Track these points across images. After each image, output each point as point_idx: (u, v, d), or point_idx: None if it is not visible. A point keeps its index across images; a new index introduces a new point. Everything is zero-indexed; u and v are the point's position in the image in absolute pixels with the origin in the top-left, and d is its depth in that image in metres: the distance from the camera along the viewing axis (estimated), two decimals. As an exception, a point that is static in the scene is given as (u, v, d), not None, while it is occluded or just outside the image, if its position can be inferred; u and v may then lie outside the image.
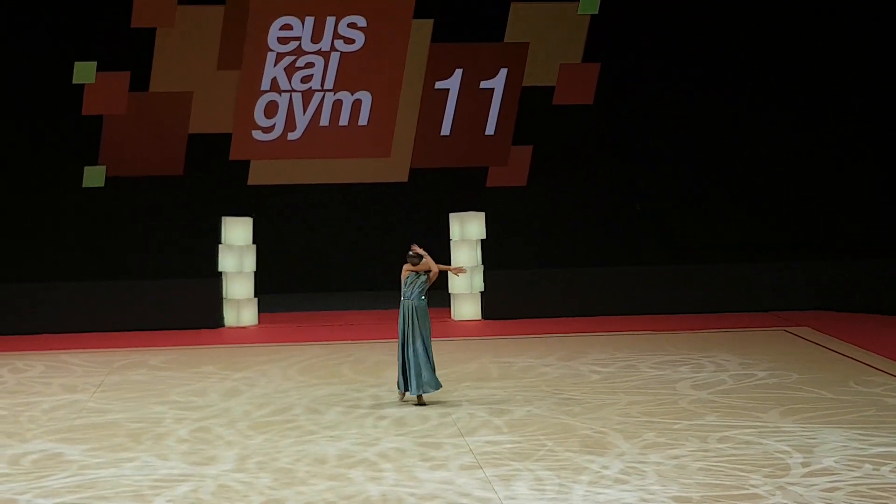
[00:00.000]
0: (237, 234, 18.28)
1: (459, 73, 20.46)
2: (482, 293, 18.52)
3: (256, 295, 18.31)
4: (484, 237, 18.70)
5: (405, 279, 12.92)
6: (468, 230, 18.60)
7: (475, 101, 20.51)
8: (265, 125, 20.34)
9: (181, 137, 20.19)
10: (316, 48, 20.24)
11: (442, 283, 13.30)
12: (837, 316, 17.90)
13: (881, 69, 20.45)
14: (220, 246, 18.36)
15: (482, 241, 18.72)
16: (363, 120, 20.44)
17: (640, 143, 20.62)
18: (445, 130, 20.60)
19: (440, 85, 20.51)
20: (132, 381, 14.21)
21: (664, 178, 20.70)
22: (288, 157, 20.43)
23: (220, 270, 18.29)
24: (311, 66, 20.25)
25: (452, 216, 18.74)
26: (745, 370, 14.17)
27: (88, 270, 19.53)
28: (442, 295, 18.60)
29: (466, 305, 18.44)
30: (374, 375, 14.15)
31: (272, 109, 20.31)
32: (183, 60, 19.95)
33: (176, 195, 20.26)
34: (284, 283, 20.15)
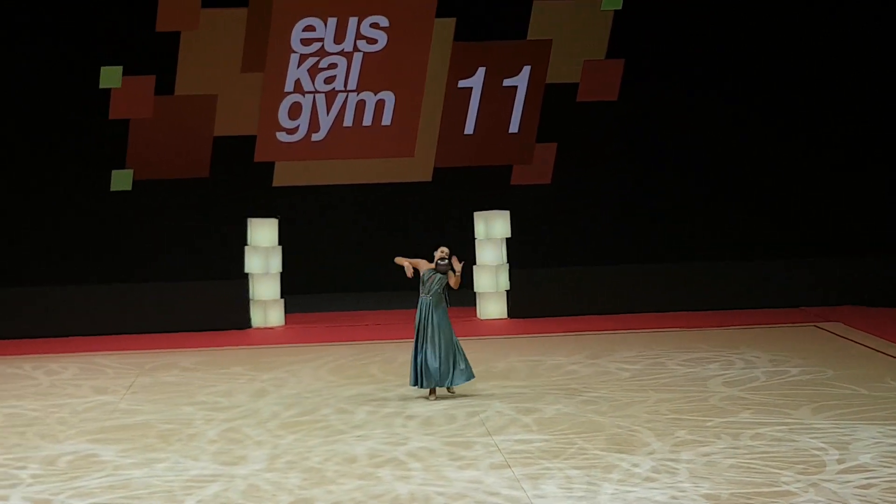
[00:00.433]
0: (263, 235, 18.33)
1: (482, 71, 20.45)
2: (508, 292, 18.51)
3: (283, 296, 18.35)
4: (509, 236, 18.69)
5: (422, 276, 13.04)
6: (493, 229, 18.60)
7: (498, 99, 20.50)
8: (289, 127, 20.38)
9: (206, 140, 20.25)
10: (339, 49, 20.27)
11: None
12: (869, 311, 17.79)
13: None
14: (246, 247, 18.41)
15: (507, 239, 18.71)
16: (387, 120, 20.46)
17: (665, 139, 20.57)
18: (469, 129, 20.60)
19: (463, 84, 20.50)
20: (163, 382, 14.28)
21: (690, 173, 20.64)
22: (312, 158, 20.47)
23: (246, 272, 18.34)
24: (334, 66, 20.28)
25: (477, 215, 18.74)
26: (776, 367, 14.13)
27: (116, 273, 19.61)
28: (467, 294, 18.61)
29: (492, 304, 18.44)
30: (402, 375, 14.15)
31: (296, 111, 20.35)
32: (207, 63, 20.01)
33: (202, 197, 20.33)
34: (310, 283, 20.20)
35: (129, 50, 19.90)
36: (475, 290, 18.51)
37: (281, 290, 18.33)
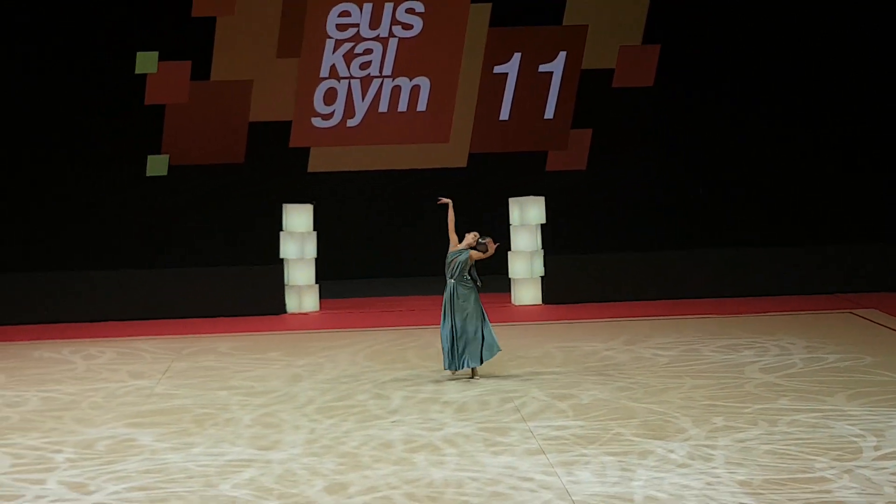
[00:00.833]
0: (298, 220, 18.38)
1: (518, 57, 20.43)
2: (542, 278, 18.50)
3: (317, 281, 18.40)
4: (544, 222, 18.68)
5: (446, 260, 13.35)
6: (528, 215, 18.58)
7: (534, 85, 20.48)
8: (324, 112, 20.42)
9: (242, 125, 20.32)
10: (374, 34, 20.28)
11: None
12: (905, 298, 17.73)
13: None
14: (281, 233, 18.47)
15: (542, 225, 18.69)
16: (422, 106, 20.47)
17: (701, 124, 20.50)
18: (504, 115, 20.59)
19: (499, 69, 20.49)
20: (199, 367, 14.35)
21: (726, 160, 20.58)
22: (347, 143, 20.51)
23: (281, 257, 18.40)
24: (369, 52, 20.30)
25: (512, 201, 18.73)
26: (812, 353, 14.07)
27: (152, 258, 19.73)
28: (502, 280, 18.62)
29: (526, 290, 18.43)
30: (439, 361, 14.17)
31: (331, 96, 20.38)
32: (243, 49, 20.08)
33: (237, 183, 20.41)
34: (345, 269, 20.25)
35: (164, 35, 19.98)
36: (510, 276, 18.51)
37: (316, 275, 18.38)
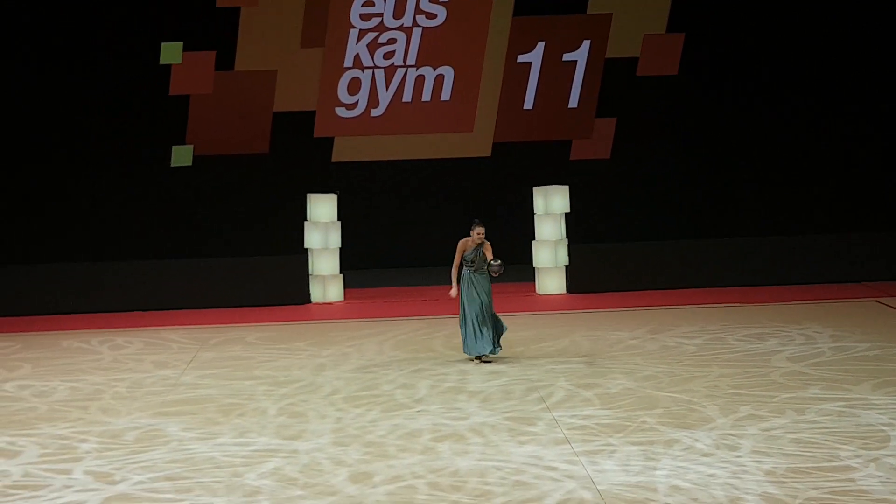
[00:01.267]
0: (322, 210, 18.40)
1: (542, 45, 20.39)
2: (567, 267, 18.48)
3: (342, 271, 18.43)
4: (568, 211, 18.65)
5: (465, 256, 13.44)
6: (552, 204, 18.56)
7: (558, 73, 20.44)
8: (348, 102, 20.43)
9: (266, 115, 20.35)
10: (398, 24, 20.28)
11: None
12: (930, 286, 17.64)
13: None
14: (305, 223, 18.49)
15: (566, 214, 18.67)
16: (446, 95, 20.46)
17: (725, 113, 20.44)
18: (528, 104, 20.56)
19: (522, 58, 20.46)
20: (224, 357, 14.39)
21: (750, 148, 20.51)
22: (371, 133, 20.52)
23: (305, 247, 18.42)
24: (393, 42, 20.30)
25: (536, 190, 18.71)
26: (838, 342, 14.01)
27: (177, 248, 19.78)
28: (526, 269, 18.62)
29: (551, 279, 18.42)
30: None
31: (355, 86, 20.39)
32: (267, 39, 20.10)
33: (262, 173, 20.45)
34: (369, 259, 20.27)
35: (189, 26, 20.02)
36: (534, 265, 18.50)
37: (340, 265, 18.40)
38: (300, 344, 15.02)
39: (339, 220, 18.53)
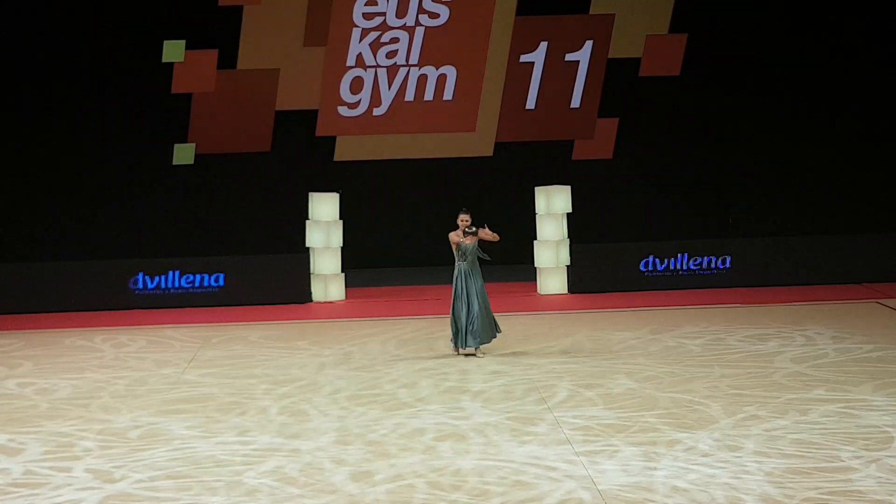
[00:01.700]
0: (324, 209, 18.39)
1: (544, 45, 20.39)
2: (568, 267, 18.47)
3: (343, 270, 18.42)
4: (570, 211, 18.64)
5: (456, 247, 13.77)
6: (554, 204, 18.55)
7: (560, 74, 20.43)
8: (351, 101, 20.42)
9: (268, 114, 20.35)
10: (401, 23, 20.27)
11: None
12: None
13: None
14: (307, 221, 18.49)
15: (568, 214, 18.66)
16: (448, 94, 20.46)
17: (727, 114, 20.43)
18: (530, 104, 20.55)
19: (525, 58, 20.45)
20: (225, 355, 14.38)
21: (752, 149, 20.51)
22: (373, 132, 20.52)
23: (307, 246, 18.42)
24: (396, 41, 20.29)
25: (538, 190, 18.70)
26: (839, 343, 14.01)
27: (178, 246, 19.78)
28: (528, 269, 18.62)
29: (552, 279, 18.41)
30: (468, 351, 14.19)
31: (358, 85, 20.38)
32: (270, 38, 20.09)
33: (264, 171, 20.45)
34: (371, 258, 20.27)
35: (191, 24, 20.02)
36: (536, 265, 18.49)
37: (341, 264, 18.39)
38: (302, 343, 15.02)
39: (340, 219, 18.52)
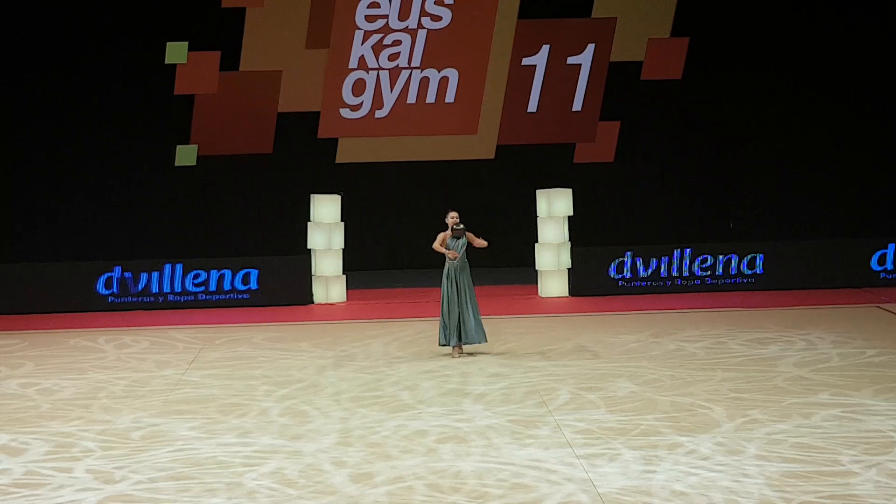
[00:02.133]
0: (326, 211, 18.41)
1: (546, 49, 20.40)
2: (569, 270, 18.47)
3: (345, 272, 18.43)
4: (571, 214, 18.65)
5: (447, 246, 13.92)
6: (555, 207, 18.56)
7: (562, 77, 20.45)
8: (353, 103, 20.44)
9: (270, 116, 20.36)
10: (403, 26, 20.29)
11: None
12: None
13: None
14: (309, 223, 18.50)
15: (569, 217, 18.66)
16: (450, 97, 20.47)
17: (728, 118, 20.44)
18: (532, 107, 20.57)
19: (527, 61, 20.47)
20: (226, 357, 14.39)
21: (753, 153, 20.52)
22: (375, 134, 20.53)
23: (308, 247, 18.43)
24: (398, 43, 20.31)
25: (539, 193, 18.71)
26: (839, 347, 14.01)
27: (180, 247, 19.79)
28: (529, 272, 18.63)
29: (553, 282, 18.42)
30: (467, 352, 14.19)
31: (360, 87, 20.40)
32: (272, 40, 20.11)
33: (265, 173, 20.47)
34: (372, 260, 20.27)
35: (194, 26, 20.04)
36: (537, 267, 18.50)
37: (343, 265, 18.40)
38: (303, 344, 15.03)
39: (342, 220, 18.54)
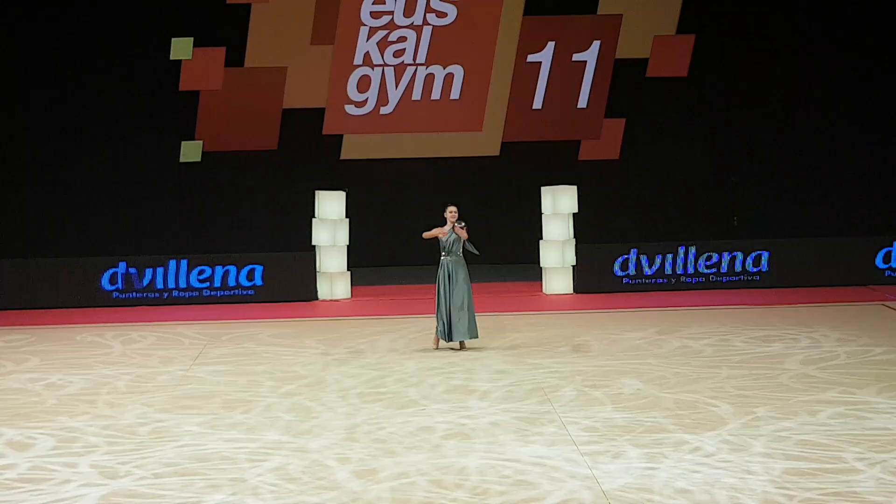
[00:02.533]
0: (330, 207, 18.41)
1: (552, 45, 20.39)
2: (574, 267, 18.47)
3: (349, 268, 18.43)
4: (576, 210, 18.64)
5: (442, 241, 14.11)
6: (560, 204, 18.55)
7: (567, 74, 20.44)
8: (358, 100, 20.44)
9: (275, 112, 20.36)
10: (408, 22, 20.28)
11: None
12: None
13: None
14: (313, 220, 18.50)
15: (574, 214, 18.65)
16: (455, 94, 20.47)
17: (733, 115, 20.43)
18: (537, 104, 20.56)
19: (532, 58, 20.46)
20: (231, 353, 14.40)
21: (758, 150, 20.50)
22: (380, 131, 20.53)
23: (313, 244, 18.43)
24: (403, 40, 20.31)
25: (544, 189, 18.70)
26: (844, 345, 14.00)
27: (185, 243, 19.81)
28: (533, 269, 18.63)
29: (558, 279, 18.41)
30: (470, 349, 14.20)
31: (365, 84, 20.40)
32: (277, 36, 20.11)
33: (270, 169, 20.47)
34: (376, 256, 20.27)
35: (199, 22, 20.05)
36: (541, 264, 18.49)
37: (347, 262, 18.40)
38: (308, 341, 15.03)
39: (346, 217, 18.53)
